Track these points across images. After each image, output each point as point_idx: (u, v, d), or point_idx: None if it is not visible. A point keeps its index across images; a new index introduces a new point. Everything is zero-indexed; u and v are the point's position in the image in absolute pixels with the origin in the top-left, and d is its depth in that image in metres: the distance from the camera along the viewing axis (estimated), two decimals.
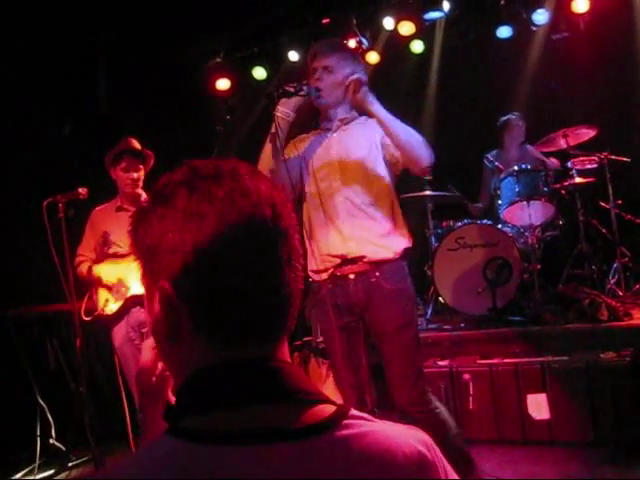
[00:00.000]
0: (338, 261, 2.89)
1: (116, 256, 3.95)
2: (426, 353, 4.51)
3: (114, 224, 4.01)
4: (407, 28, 6.11)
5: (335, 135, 3.01)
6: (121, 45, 6.00)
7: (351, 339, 2.95)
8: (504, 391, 4.12)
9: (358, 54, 3.11)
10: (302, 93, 2.87)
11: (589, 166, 5.32)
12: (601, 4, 5.82)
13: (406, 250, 2.94)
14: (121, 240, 3.94)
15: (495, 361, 4.27)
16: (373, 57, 6.37)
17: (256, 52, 6.69)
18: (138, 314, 3.87)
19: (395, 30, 6.16)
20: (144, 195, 4.04)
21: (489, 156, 5.73)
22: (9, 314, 4.68)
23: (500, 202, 5.29)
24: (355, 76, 2.83)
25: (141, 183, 4.00)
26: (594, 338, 4.29)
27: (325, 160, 2.98)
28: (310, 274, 2.99)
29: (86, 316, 3.99)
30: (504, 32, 6.26)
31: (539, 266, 5.05)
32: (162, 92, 6.07)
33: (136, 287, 3.85)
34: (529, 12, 6.07)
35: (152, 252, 0.84)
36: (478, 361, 4.34)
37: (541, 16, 6.10)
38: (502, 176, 5.30)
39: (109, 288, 3.95)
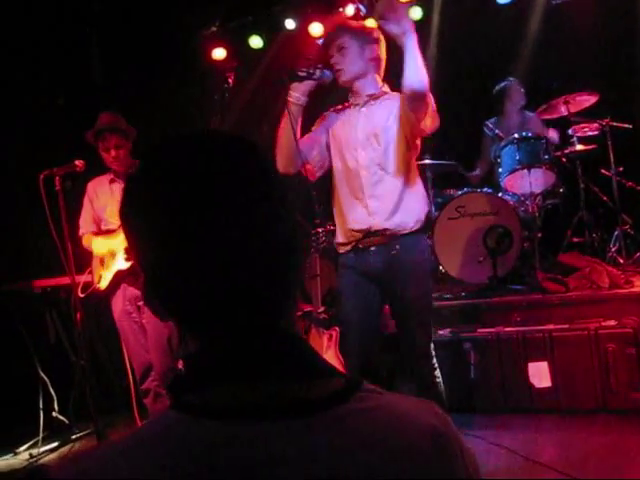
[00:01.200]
0: (361, 235, 3.01)
1: (108, 232, 3.93)
2: None
3: (107, 198, 3.98)
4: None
5: (363, 110, 3.05)
6: (114, 15, 5.91)
7: (367, 301, 3.05)
8: (505, 360, 4.13)
9: (371, 31, 3.11)
10: (315, 77, 2.95)
11: (590, 133, 5.27)
12: None
13: (426, 218, 3.08)
14: (112, 215, 3.91)
15: (496, 330, 4.27)
16: (371, 24, 6.27)
17: (252, 21, 6.58)
18: (134, 288, 3.87)
19: None
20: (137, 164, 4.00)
21: (489, 123, 5.67)
22: (8, 288, 4.66)
23: (501, 170, 5.25)
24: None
25: (124, 158, 3.90)
26: (595, 306, 4.28)
27: (351, 135, 3.04)
28: (336, 246, 3.17)
29: (82, 292, 3.99)
30: None
31: (540, 234, 5.03)
32: (157, 61, 5.99)
33: (122, 262, 3.84)
34: None
35: None
36: (479, 330, 4.34)
37: None
38: (502, 144, 5.24)
39: (102, 263, 3.94)
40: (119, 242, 3.82)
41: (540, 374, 4.04)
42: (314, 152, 3.08)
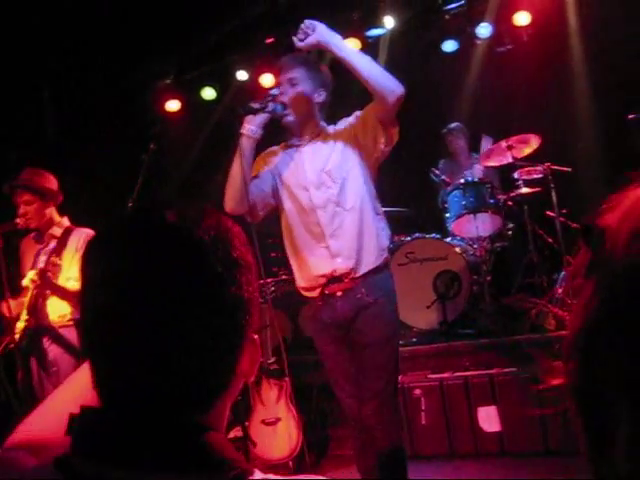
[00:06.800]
0: (325, 280, 2.89)
1: (25, 289, 3.87)
2: None
3: (30, 256, 3.93)
4: (352, 45, 6.13)
5: (307, 149, 2.98)
6: (68, 71, 5.95)
7: (341, 352, 2.95)
8: (455, 405, 4.15)
9: (324, 68, 3.08)
10: (268, 110, 2.87)
11: (535, 176, 5.37)
12: (542, 16, 5.93)
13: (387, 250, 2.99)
14: (27, 273, 3.86)
15: (445, 375, 4.29)
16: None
17: (205, 72, 6.69)
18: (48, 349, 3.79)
19: None
20: (64, 222, 3.92)
21: (435, 170, 5.76)
22: None
23: (448, 215, 5.34)
24: (306, 22, 2.80)
25: (34, 216, 3.79)
26: (543, 348, 4.33)
27: (300, 177, 2.94)
28: (300, 290, 3.03)
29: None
30: (449, 46, 6.35)
31: (489, 277, 5.09)
32: (110, 117, 6.03)
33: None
34: (473, 26, 6.16)
35: None
36: (429, 376, 4.35)
37: (485, 30, 6.20)
38: (449, 189, 5.35)
39: (16, 321, 3.84)
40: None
41: (489, 418, 4.06)
42: (265, 191, 2.97)
